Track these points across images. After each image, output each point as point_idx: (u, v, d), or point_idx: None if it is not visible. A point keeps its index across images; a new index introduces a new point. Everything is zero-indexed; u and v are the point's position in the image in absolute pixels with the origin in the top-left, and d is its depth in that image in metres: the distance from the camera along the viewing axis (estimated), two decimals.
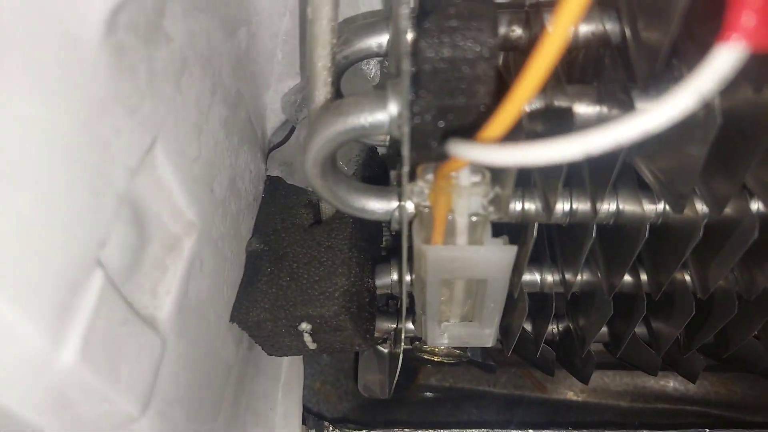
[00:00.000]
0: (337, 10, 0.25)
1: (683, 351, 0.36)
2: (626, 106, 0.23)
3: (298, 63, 0.37)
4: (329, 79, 0.27)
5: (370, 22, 0.28)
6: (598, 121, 0.24)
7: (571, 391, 0.49)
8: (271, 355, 0.35)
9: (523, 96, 0.16)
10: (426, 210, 0.26)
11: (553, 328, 0.39)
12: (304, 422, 0.37)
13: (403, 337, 0.36)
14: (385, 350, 0.41)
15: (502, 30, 0.27)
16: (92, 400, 0.19)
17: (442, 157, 0.23)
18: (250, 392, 0.35)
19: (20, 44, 0.16)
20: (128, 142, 0.21)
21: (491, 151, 0.17)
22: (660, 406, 0.51)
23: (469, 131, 0.20)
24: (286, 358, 0.38)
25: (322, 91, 0.27)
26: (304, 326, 0.31)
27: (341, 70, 0.29)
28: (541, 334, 0.36)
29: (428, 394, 0.49)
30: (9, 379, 0.17)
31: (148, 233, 0.24)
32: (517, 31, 0.28)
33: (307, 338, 0.32)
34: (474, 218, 0.26)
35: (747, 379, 0.49)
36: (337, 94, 0.28)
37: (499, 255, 0.26)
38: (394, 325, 0.38)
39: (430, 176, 0.25)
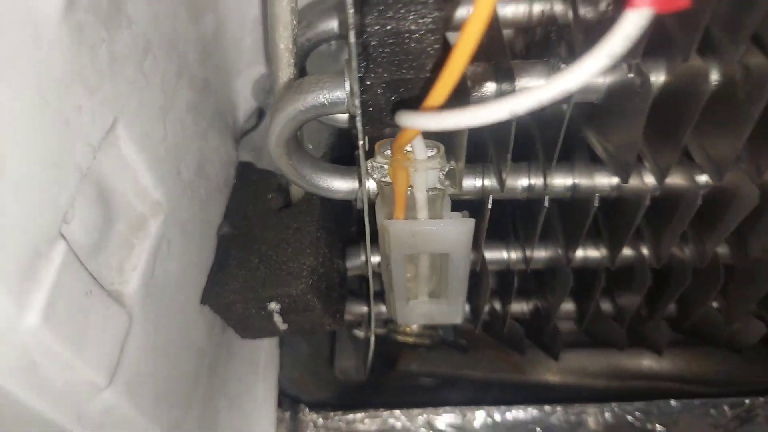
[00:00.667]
0: None
1: (645, 323, 0.37)
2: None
3: None
4: (292, 61, 0.28)
5: (331, 5, 0.29)
6: None
7: (549, 373, 0.50)
8: (244, 338, 0.36)
9: (458, 65, 0.17)
10: (387, 186, 0.27)
11: (522, 306, 0.40)
12: (280, 405, 0.38)
13: (372, 318, 0.37)
14: (361, 334, 0.42)
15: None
16: (57, 365, 0.20)
17: (397, 131, 0.24)
18: (224, 376, 0.36)
19: None
20: (89, 120, 0.22)
21: (433, 118, 0.18)
22: (636, 383, 0.52)
23: (421, 104, 0.21)
24: (261, 342, 0.39)
25: (285, 72, 0.28)
26: (273, 306, 0.32)
27: (305, 52, 0.30)
28: (507, 312, 0.37)
29: (407, 380, 0.50)
30: None
31: (113, 212, 0.25)
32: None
33: (277, 318, 0.33)
34: (432, 193, 0.27)
35: (718, 355, 0.50)
36: (302, 75, 0.29)
37: (458, 228, 0.27)
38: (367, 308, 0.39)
39: (388, 152, 0.26)
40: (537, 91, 0.15)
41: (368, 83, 0.21)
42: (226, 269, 0.32)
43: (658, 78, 0.24)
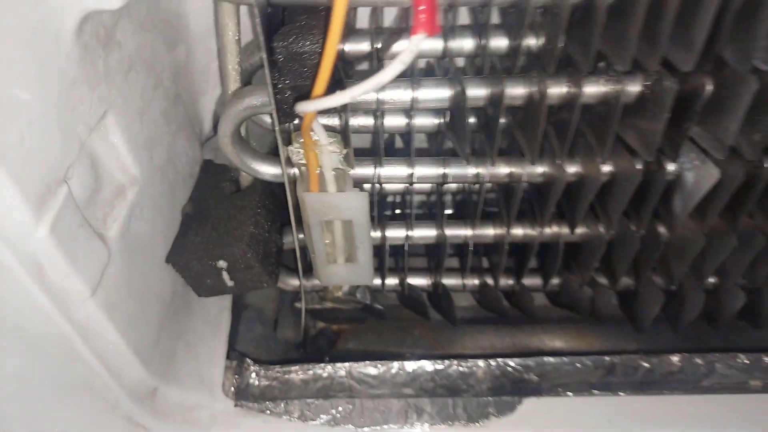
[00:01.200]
0: (239, 27, 0.37)
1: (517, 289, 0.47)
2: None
3: None
4: (237, 78, 0.39)
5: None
6: None
7: (463, 348, 0.59)
8: (200, 296, 0.45)
9: (326, 69, 0.27)
10: (303, 167, 0.37)
11: (432, 279, 0.49)
12: (228, 357, 0.46)
13: (301, 283, 0.46)
14: (299, 306, 0.50)
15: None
16: (56, 270, 0.29)
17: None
18: (184, 326, 0.44)
19: (22, 36, 0.26)
20: (89, 108, 0.32)
21: (315, 102, 0.28)
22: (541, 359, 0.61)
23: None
24: (215, 307, 0.48)
25: (232, 86, 0.39)
26: (221, 264, 0.41)
27: (249, 73, 0.40)
28: (404, 281, 0.46)
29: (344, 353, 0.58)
30: (5, 236, 0.26)
31: (101, 178, 0.34)
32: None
33: (225, 276, 0.42)
34: (335, 172, 0.37)
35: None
36: None
37: (355, 198, 0.37)
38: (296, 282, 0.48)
39: (301, 139, 0.36)
40: (365, 83, 0.26)
41: (279, 87, 0.31)
42: (186, 237, 0.42)
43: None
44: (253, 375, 0.46)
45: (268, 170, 0.39)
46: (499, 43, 0.35)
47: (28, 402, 0.33)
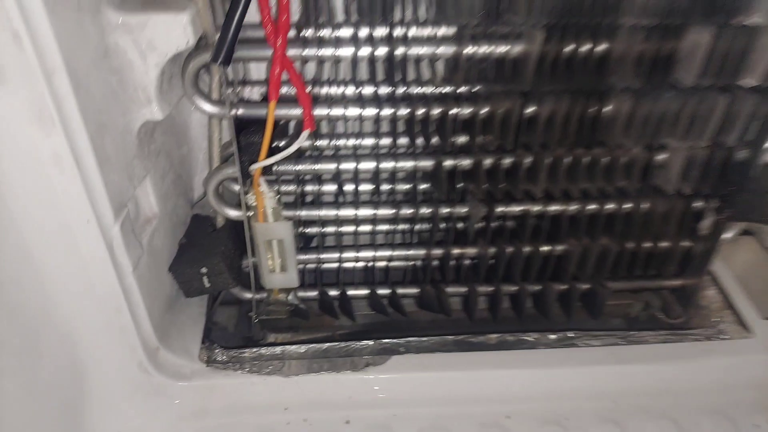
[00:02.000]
0: (221, 130, 0.66)
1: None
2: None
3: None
4: (218, 160, 0.67)
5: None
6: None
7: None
8: (187, 297, 0.69)
9: (264, 150, 0.56)
10: (254, 207, 0.65)
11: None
12: (203, 342, 0.70)
13: (254, 296, 0.71)
14: (253, 315, 0.75)
15: None
16: (119, 251, 0.55)
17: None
18: (177, 317, 0.68)
19: (118, 130, 0.55)
20: (139, 171, 0.59)
21: (256, 165, 0.57)
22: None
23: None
24: (196, 308, 0.72)
25: (215, 164, 0.67)
26: (203, 270, 0.66)
27: (224, 157, 0.69)
28: (322, 290, 0.72)
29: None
30: (101, 227, 0.52)
31: (140, 210, 0.61)
32: None
33: (205, 280, 0.67)
34: (272, 209, 0.64)
35: None
36: None
37: (284, 225, 0.64)
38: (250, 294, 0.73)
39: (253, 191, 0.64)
40: (272, 159, 0.54)
41: (242, 161, 0.60)
42: (181, 256, 0.68)
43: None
44: (218, 352, 0.69)
45: (234, 213, 0.66)
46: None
47: (87, 326, 0.57)
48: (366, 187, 0.68)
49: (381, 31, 0.57)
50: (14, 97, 0.44)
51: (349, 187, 0.68)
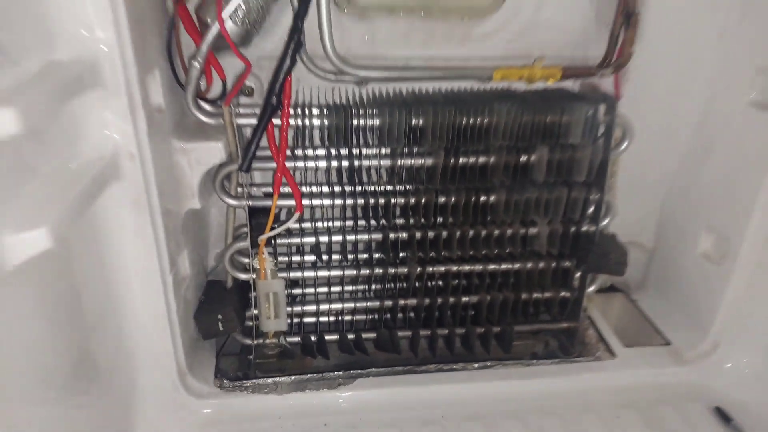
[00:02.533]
0: (235, 215, 0.95)
1: None
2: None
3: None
4: (231, 237, 0.96)
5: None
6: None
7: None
8: (205, 339, 0.94)
9: (268, 228, 0.85)
10: (257, 269, 0.92)
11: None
12: (215, 376, 0.92)
13: (254, 342, 0.96)
14: (251, 356, 0.99)
15: None
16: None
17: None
18: (198, 355, 0.92)
19: (173, 211, 0.83)
20: (181, 243, 0.87)
21: (262, 236, 0.85)
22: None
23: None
24: (208, 351, 0.96)
25: (230, 240, 0.95)
26: (219, 317, 0.92)
27: (236, 235, 0.97)
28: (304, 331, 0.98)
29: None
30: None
31: (180, 272, 0.88)
32: None
33: (219, 324, 0.92)
34: (270, 270, 0.92)
35: None
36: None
37: (278, 282, 0.92)
38: (250, 341, 0.98)
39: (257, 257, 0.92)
40: (272, 232, 0.83)
41: (252, 235, 0.89)
42: (201, 308, 0.93)
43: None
44: (226, 382, 0.92)
45: (243, 275, 0.94)
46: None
47: (144, 352, 0.80)
48: (336, 256, 0.97)
49: (344, 151, 0.90)
50: (124, 191, 0.73)
51: (324, 256, 0.97)
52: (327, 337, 1.01)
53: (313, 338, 1.00)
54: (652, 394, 0.96)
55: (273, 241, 0.92)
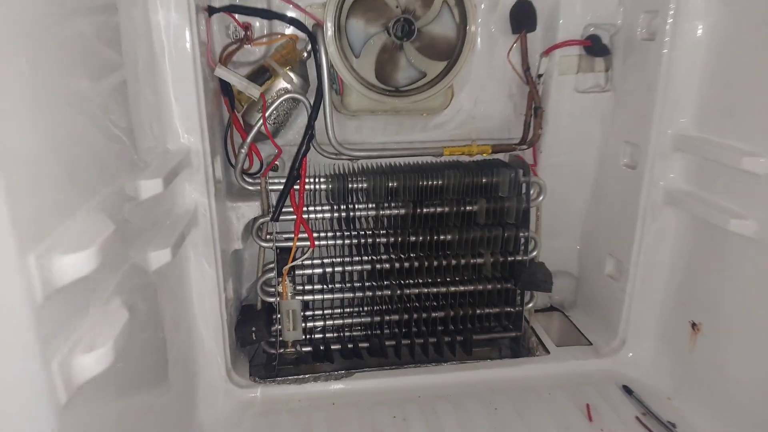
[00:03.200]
0: (265, 257, 1.31)
1: None
2: None
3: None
4: (261, 273, 1.31)
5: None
6: None
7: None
8: (241, 346, 1.27)
9: (290, 261, 1.21)
10: (281, 292, 1.27)
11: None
12: (250, 375, 1.24)
13: (278, 352, 1.30)
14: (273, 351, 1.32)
15: None
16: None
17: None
18: (238, 358, 1.25)
19: (224, 251, 1.19)
20: (228, 274, 1.22)
21: (287, 266, 1.21)
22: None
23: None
24: (243, 357, 1.28)
25: (259, 273, 1.30)
26: (253, 329, 1.26)
27: (264, 271, 1.32)
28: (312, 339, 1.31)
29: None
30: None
31: (228, 295, 1.22)
32: None
33: (253, 335, 1.26)
34: (291, 293, 1.27)
35: None
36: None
37: (297, 302, 1.26)
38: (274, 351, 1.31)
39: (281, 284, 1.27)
40: (293, 263, 1.19)
41: (278, 268, 1.24)
42: (239, 323, 1.27)
43: None
44: (258, 379, 1.25)
45: (268, 298, 1.28)
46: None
47: (206, 355, 1.13)
48: (338, 285, 1.33)
49: (342, 206, 1.28)
50: (199, 234, 1.09)
51: (328, 283, 1.32)
52: (332, 347, 1.34)
53: (321, 347, 1.34)
54: (577, 378, 1.29)
55: (293, 272, 1.28)
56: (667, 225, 1.22)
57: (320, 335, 1.34)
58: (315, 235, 1.28)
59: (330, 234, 1.29)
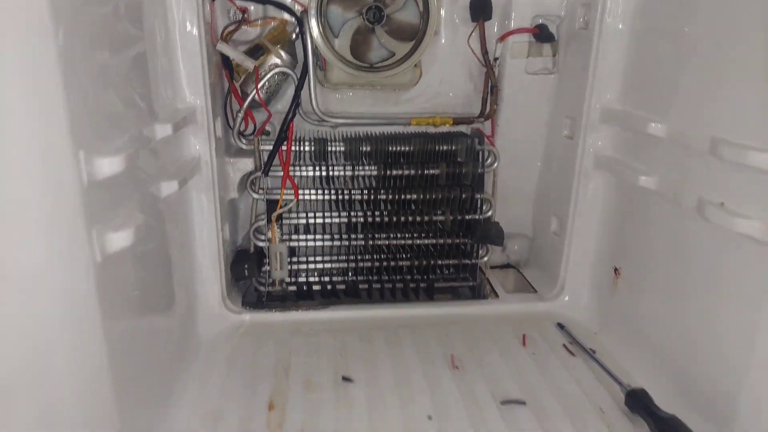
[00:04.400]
0: (257, 208, 1.54)
1: None
2: None
3: None
4: (254, 220, 1.55)
5: None
6: None
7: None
8: (236, 281, 1.50)
9: (277, 209, 1.44)
10: (270, 236, 1.50)
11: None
12: (242, 304, 1.47)
13: (267, 289, 1.53)
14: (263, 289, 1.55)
15: None
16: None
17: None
18: (230, 290, 1.48)
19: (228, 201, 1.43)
20: (225, 231, 1.46)
21: (275, 213, 1.44)
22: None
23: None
24: (237, 291, 1.52)
25: (253, 220, 1.54)
26: (246, 266, 1.49)
27: (256, 218, 1.56)
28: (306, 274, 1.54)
29: None
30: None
31: (225, 237, 1.46)
32: None
33: (246, 271, 1.49)
34: (278, 237, 1.50)
35: None
36: None
37: (284, 245, 1.49)
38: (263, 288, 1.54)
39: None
40: (279, 210, 1.42)
41: (269, 216, 1.47)
42: (234, 261, 1.50)
43: None
44: (249, 307, 1.48)
45: (259, 243, 1.52)
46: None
47: (205, 281, 1.37)
48: (318, 235, 1.56)
49: (323, 166, 1.50)
50: (201, 180, 1.33)
51: (311, 234, 1.55)
52: (313, 288, 1.57)
53: (304, 288, 1.57)
54: (520, 317, 1.51)
55: (281, 221, 1.51)
56: (597, 186, 1.44)
57: (303, 279, 1.57)
58: (300, 191, 1.51)
59: (312, 191, 1.52)
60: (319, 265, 1.57)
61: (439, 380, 1.20)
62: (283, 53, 1.40)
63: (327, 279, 1.58)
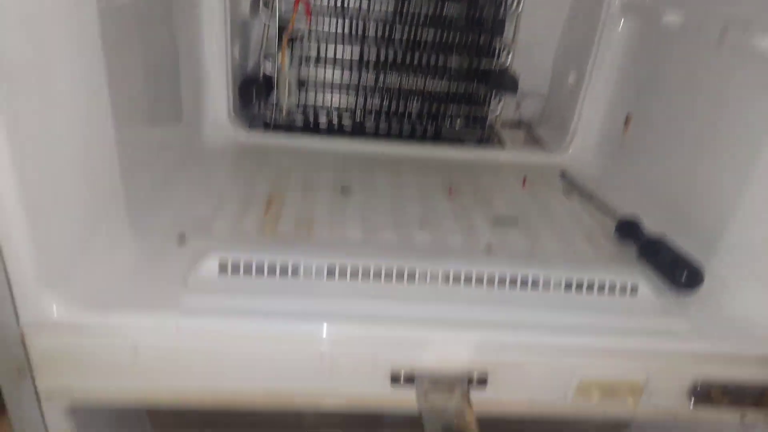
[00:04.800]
0: (268, 34, 1.52)
1: None
2: None
3: None
4: (264, 46, 1.53)
5: None
6: None
7: None
8: (244, 106, 1.51)
9: (289, 31, 1.42)
10: (280, 63, 1.49)
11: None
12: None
13: (273, 116, 1.54)
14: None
15: None
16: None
17: None
18: (236, 116, 1.50)
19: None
20: (235, 50, 1.44)
21: (285, 37, 1.42)
22: None
23: None
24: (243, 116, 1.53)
25: (264, 47, 1.52)
26: (254, 88, 1.49)
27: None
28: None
29: None
30: None
31: (233, 58, 1.45)
32: None
33: (254, 94, 1.49)
34: (288, 63, 1.48)
35: None
36: None
37: (293, 72, 1.48)
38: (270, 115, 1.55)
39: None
40: (288, 34, 1.39)
41: (279, 40, 1.45)
42: (242, 85, 1.50)
43: None
44: (253, 129, 1.50)
45: (269, 66, 1.51)
46: None
47: (215, 88, 1.38)
48: (330, 67, 1.54)
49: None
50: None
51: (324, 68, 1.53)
52: (320, 123, 1.58)
53: (310, 121, 1.57)
54: (524, 165, 1.50)
55: (291, 48, 1.48)
56: (620, 32, 1.38)
57: (311, 113, 1.57)
58: (313, 18, 1.47)
59: (326, 19, 1.48)
60: (327, 102, 1.57)
61: (435, 204, 1.22)
62: None
63: (335, 115, 1.58)
